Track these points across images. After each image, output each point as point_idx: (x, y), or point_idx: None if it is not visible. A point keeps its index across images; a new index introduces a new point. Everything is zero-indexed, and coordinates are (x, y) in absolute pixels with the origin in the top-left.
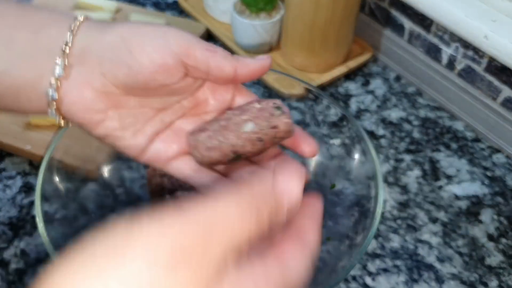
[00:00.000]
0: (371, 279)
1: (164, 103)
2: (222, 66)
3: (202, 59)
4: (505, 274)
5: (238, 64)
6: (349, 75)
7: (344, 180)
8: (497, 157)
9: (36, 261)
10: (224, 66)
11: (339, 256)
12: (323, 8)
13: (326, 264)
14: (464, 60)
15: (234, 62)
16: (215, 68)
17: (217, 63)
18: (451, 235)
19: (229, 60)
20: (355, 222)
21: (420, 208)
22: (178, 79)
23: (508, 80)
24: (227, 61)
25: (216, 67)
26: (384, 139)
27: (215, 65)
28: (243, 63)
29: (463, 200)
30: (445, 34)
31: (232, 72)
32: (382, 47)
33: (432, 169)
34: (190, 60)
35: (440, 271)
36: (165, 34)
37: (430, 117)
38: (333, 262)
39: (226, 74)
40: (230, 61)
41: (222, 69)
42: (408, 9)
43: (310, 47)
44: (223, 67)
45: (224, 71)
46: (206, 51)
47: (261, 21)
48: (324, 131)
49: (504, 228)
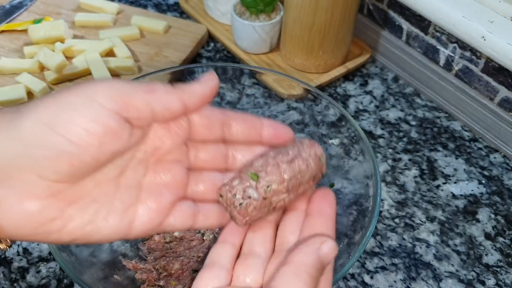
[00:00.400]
0: (370, 277)
1: (118, 167)
2: (167, 104)
3: (144, 106)
4: (502, 272)
5: (185, 95)
6: (347, 76)
7: (343, 179)
8: (494, 157)
9: (39, 259)
10: (169, 103)
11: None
12: (322, 10)
13: None
14: (461, 61)
15: (179, 94)
16: (161, 109)
17: (161, 103)
18: (448, 234)
19: (173, 95)
20: (354, 220)
21: (418, 207)
22: (127, 137)
23: (505, 80)
24: (172, 97)
25: (161, 108)
26: (382, 139)
27: (159, 107)
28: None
29: (460, 199)
30: (442, 35)
31: (180, 107)
32: (380, 48)
33: (430, 169)
34: (131, 112)
35: (438, 269)
36: (92, 95)
37: (427, 117)
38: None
39: (174, 111)
40: (175, 95)
41: (169, 108)
42: (406, 10)
43: (309, 48)
44: (169, 105)
45: (171, 110)
46: (144, 95)
47: (260, 23)
48: (323, 131)
49: (501, 227)
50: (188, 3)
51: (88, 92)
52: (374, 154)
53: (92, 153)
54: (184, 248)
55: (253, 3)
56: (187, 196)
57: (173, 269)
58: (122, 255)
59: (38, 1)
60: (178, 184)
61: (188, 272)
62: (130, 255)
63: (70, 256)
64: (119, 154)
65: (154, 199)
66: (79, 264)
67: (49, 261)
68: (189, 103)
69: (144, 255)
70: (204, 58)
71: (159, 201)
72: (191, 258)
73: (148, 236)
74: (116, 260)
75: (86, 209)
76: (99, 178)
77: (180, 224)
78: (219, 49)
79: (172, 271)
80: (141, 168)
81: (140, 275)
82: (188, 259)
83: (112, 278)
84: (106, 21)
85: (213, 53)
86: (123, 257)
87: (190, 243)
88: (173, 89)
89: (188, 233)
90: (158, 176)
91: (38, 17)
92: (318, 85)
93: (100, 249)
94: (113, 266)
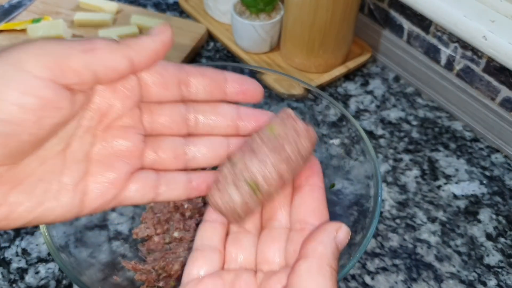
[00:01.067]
0: (370, 278)
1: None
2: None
3: (83, 68)
4: (504, 273)
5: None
6: (348, 76)
7: (344, 179)
8: (496, 157)
9: (38, 260)
10: (113, 63)
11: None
12: (323, 9)
13: None
14: (462, 61)
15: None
16: (104, 70)
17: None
18: (449, 235)
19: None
20: (355, 221)
21: (419, 207)
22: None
23: (507, 80)
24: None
25: (104, 69)
26: (383, 139)
27: (102, 67)
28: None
29: (461, 200)
30: (444, 35)
31: (127, 65)
32: (381, 47)
33: (431, 169)
34: (69, 77)
35: (439, 270)
36: (21, 64)
37: (429, 117)
38: None
39: (120, 71)
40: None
41: (113, 68)
42: (407, 9)
43: (309, 47)
44: (113, 64)
45: (116, 69)
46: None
47: (261, 22)
48: (324, 131)
49: (503, 227)
50: (188, 2)
51: (16, 60)
52: (375, 154)
53: (29, 130)
54: (183, 249)
55: (253, 2)
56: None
57: (172, 270)
58: (122, 256)
59: (37, 0)
60: (132, 152)
61: None
62: (129, 256)
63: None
64: (62, 126)
65: (106, 171)
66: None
67: (48, 262)
68: (137, 61)
69: (144, 256)
70: (204, 57)
71: (112, 173)
72: None
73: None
74: (116, 261)
75: (33, 190)
76: (43, 155)
77: (140, 197)
78: (219, 48)
79: (171, 272)
80: (88, 137)
81: (139, 276)
82: None
83: (111, 279)
84: (105, 20)
85: (213, 52)
86: (122, 258)
87: (189, 244)
88: (117, 45)
89: (187, 234)
90: (108, 145)
91: (37, 17)
92: (319, 85)
93: (99, 250)
94: (112, 267)
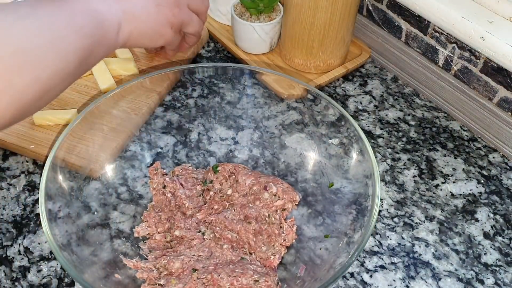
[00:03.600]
0: (369, 276)
1: None
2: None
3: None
4: (501, 271)
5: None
6: (347, 76)
7: (342, 179)
8: (493, 157)
9: (40, 258)
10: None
11: (337, 253)
12: (322, 10)
13: (325, 261)
14: (460, 61)
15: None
16: None
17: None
18: (447, 233)
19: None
20: (353, 220)
21: (417, 206)
22: None
23: (504, 80)
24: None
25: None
26: (381, 138)
27: None
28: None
29: (459, 199)
30: (441, 35)
31: None
32: (380, 48)
33: (429, 168)
34: None
35: (437, 268)
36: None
37: (426, 117)
38: (331, 259)
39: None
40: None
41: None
42: (405, 11)
43: (309, 48)
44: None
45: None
46: None
47: (260, 23)
48: (323, 131)
49: (500, 226)
50: None
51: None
52: (373, 154)
53: None
54: (184, 247)
55: (253, 3)
56: None
57: (173, 268)
58: (123, 254)
59: None
60: None
61: (188, 271)
62: (130, 254)
63: (71, 255)
64: None
65: None
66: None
67: (50, 260)
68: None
69: (145, 254)
70: (204, 58)
71: None
72: (192, 257)
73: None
74: (117, 259)
75: None
76: None
77: None
78: (219, 49)
79: (172, 270)
80: None
81: (140, 274)
82: (189, 258)
83: (113, 277)
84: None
85: (213, 53)
86: (124, 256)
87: (190, 242)
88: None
89: (188, 232)
90: None
91: None
92: (318, 85)
93: (101, 248)
94: (114, 265)
